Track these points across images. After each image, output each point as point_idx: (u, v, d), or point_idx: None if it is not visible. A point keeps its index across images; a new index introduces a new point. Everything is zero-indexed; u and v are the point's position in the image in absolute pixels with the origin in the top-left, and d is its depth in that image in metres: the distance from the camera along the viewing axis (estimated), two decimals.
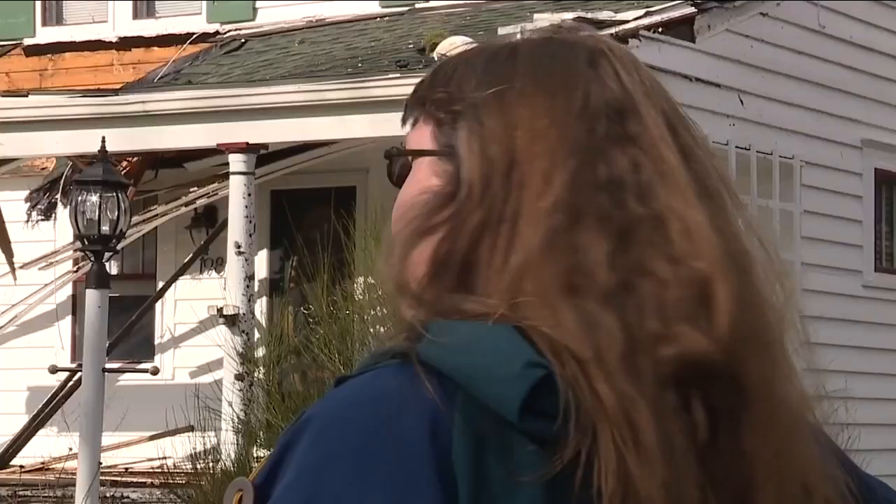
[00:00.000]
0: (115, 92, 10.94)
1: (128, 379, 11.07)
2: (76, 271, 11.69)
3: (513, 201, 1.27)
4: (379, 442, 1.21)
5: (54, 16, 12.73)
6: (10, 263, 11.79)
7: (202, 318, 11.04)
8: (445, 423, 1.21)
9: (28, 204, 11.81)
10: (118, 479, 10.28)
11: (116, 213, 8.99)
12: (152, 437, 10.95)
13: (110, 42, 12.40)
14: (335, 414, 1.23)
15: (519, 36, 1.38)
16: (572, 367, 1.21)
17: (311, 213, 11.14)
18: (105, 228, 9.02)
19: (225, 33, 11.99)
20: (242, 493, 1.25)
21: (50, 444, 11.10)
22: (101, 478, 8.47)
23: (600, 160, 1.29)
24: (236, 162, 10.17)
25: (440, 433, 1.21)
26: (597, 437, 1.21)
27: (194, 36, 11.99)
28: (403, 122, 1.37)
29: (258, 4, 12.05)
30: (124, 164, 11.24)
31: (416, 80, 1.39)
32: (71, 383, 11.10)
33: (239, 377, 9.42)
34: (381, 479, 1.20)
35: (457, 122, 1.31)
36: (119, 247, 9.74)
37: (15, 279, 11.80)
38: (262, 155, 10.41)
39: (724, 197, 1.32)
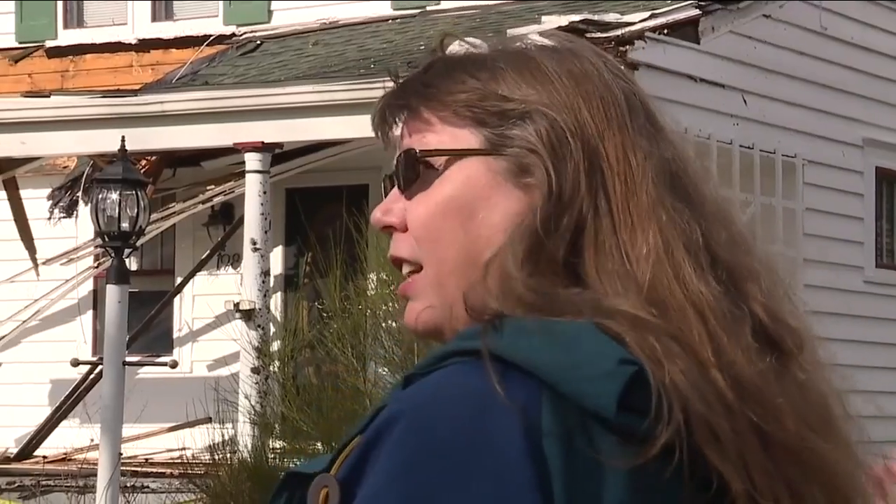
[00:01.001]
0: (135, 92, 10.95)
1: (147, 372, 11.08)
2: (97, 267, 11.70)
3: (610, 199, 1.26)
4: (472, 440, 1.18)
5: (75, 19, 12.74)
6: (33, 259, 11.81)
7: (219, 313, 11.05)
8: (534, 420, 1.19)
9: (50, 202, 11.83)
10: (138, 469, 10.29)
11: (136, 211, 8.99)
12: (171, 429, 10.96)
13: (129, 44, 12.41)
14: (424, 412, 1.20)
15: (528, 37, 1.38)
16: (667, 366, 1.21)
17: (324, 211, 11.15)
18: (125, 225, 9.03)
19: (241, 35, 12.00)
20: (328, 490, 1.21)
21: (72, 436, 11.11)
22: (121, 468, 8.49)
23: (657, 154, 1.29)
24: (252, 161, 10.17)
25: (530, 430, 1.18)
26: (691, 433, 1.20)
27: (211, 38, 11.99)
28: (390, 119, 1.33)
29: (273, 7, 12.05)
30: (143, 162, 11.25)
31: None
32: (92, 376, 11.12)
33: (255, 370, 9.42)
34: (478, 479, 1.17)
35: (516, 122, 1.28)
36: (138, 243, 9.75)
37: (38, 275, 11.82)
38: (277, 154, 10.41)
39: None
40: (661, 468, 1.20)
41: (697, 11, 9.86)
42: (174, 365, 10.12)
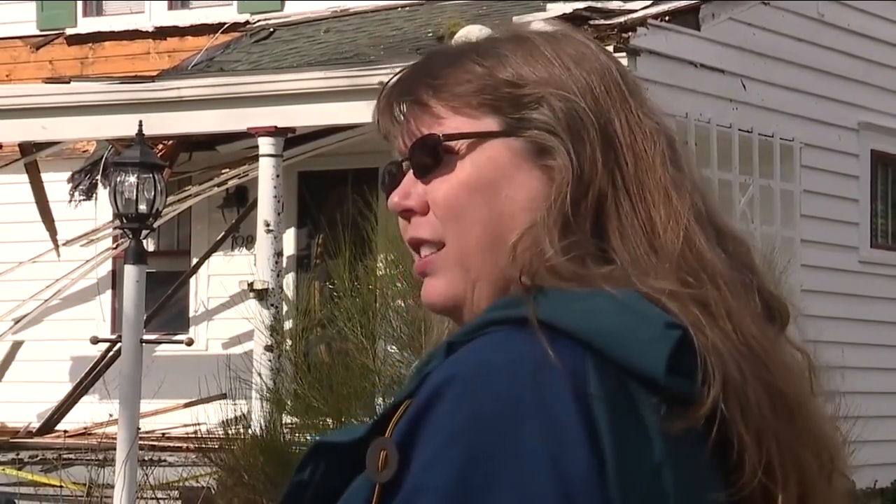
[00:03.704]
0: (152, 79, 10.93)
1: (164, 350, 11.09)
2: (115, 248, 11.70)
3: (625, 176, 1.27)
4: (523, 402, 1.18)
5: (94, 7, 12.72)
6: (54, 241, 11.82)
7: (233, 293, 11.05)
8: (582, 383, 1.19)
9: (70, 184, 11.83)
10: (156, 443, 10.31)
11: (153, 193, 8.98)
12: (187, 405, 10.97)
13: (147, 32, 12.39)
14: (476, 376, 1.19)
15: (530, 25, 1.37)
16: (710, 332, 1.21)
17: (335, 193, 11.13)
18: (142, 207, 9.01)
19: (255, 23, 11.97)
20: (387, 452, 1.20)
21: (92, 411, 11.13)
22: (139, 442, 8.48)
23: (658, 129, 1.30)
24: (265, 145, 10.16)
25: (580, 394, 1.18)
26: (725, 399, 1.21)
27: (226, 25, 11.97)
28: (398, 112, 1.32)
29: None
30: (160, 146, 11.23)
31: None
32: (111, 353, 11.13)
33: (268, 348, 9.42)
34: (532, 440, 1.17)
35: (530, 105, 1.27)
36: (155, 225, 9.74)
37: (58, 255, 11.83)
38: (289, 138, 10.40)
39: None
40: (695, 432, 1.21)
41: None
42: (190, 343, 10.12)
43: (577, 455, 1.17)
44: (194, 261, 11.73)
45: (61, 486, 8.88)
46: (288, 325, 9.64)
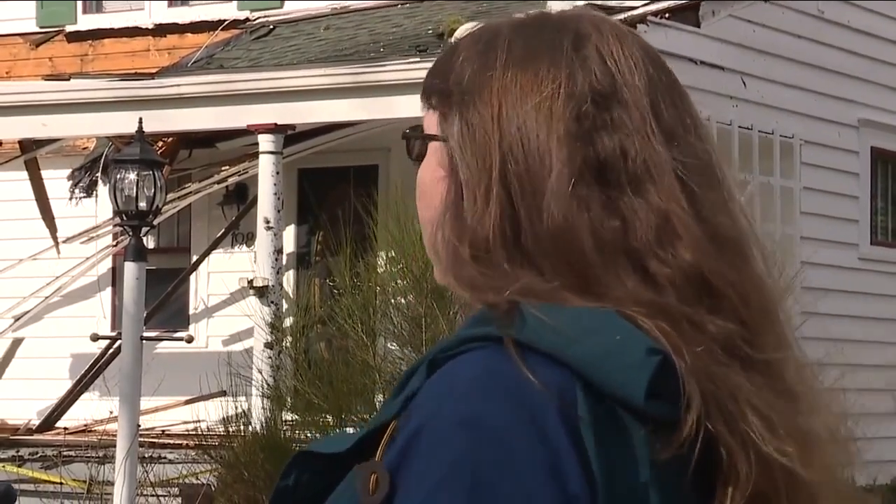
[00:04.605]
0: (151, 76, 10.93)
1: (164, 347, 11.09)
2: (115, 245, 11.70)
3: (518, 188, 1.25)
4: (516, 428, 1.17)
5: (94, 4, 12.73)
6: (54, 238, 11.82)
7: (233, 290, 11.05)
8: (570, 405, 1.18)
9: (70, 182, 11.82)
10: (156, 440, 10.31)
11: (153, 191, 8.98)
12: (187, 402, 10.98)
13: (146, 29, 12.39)
14: (466, 401, 1.18)
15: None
16: (689, 358, 1.20)
17: (335, 191, 11.13)
18: (142, 205, 9.02)
19: (255, 20, 11.97)
20: (377, 476, 1.18)
21: (92, 408, 11.13)
22: (139, 439, 8.49)
23: (590, 146, 1.25)
24: (265, 142, 10.16)
25: (568, 415, 1.18)
26: (725, 418, 1.21)
27: (226, 23, 11.96)
28: (423, 104, 1.36)
29: None
30: (160, 143, 11.23)
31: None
32: (111, 351, 11.13)
33: (268, 345, 9.42)
34: (528, 466, 1.16)
35: (451, 111, 1.29)
36: (155, 222, 9.74)
37: (59, 253, 11.83)
38: (289, 135, 10.39)
39: (713, 182, 1.30)
40: (681, 454, 1.21)
41: None
42: (190, 340, 10.12)
43: (574, 479, 1.17)
44: (194, 258, 11.73)
45: (61, 483, 8.89)
46: (288, 322, 9.64)
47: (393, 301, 7.65)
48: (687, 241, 1.25)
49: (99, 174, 11.61)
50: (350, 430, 7.34)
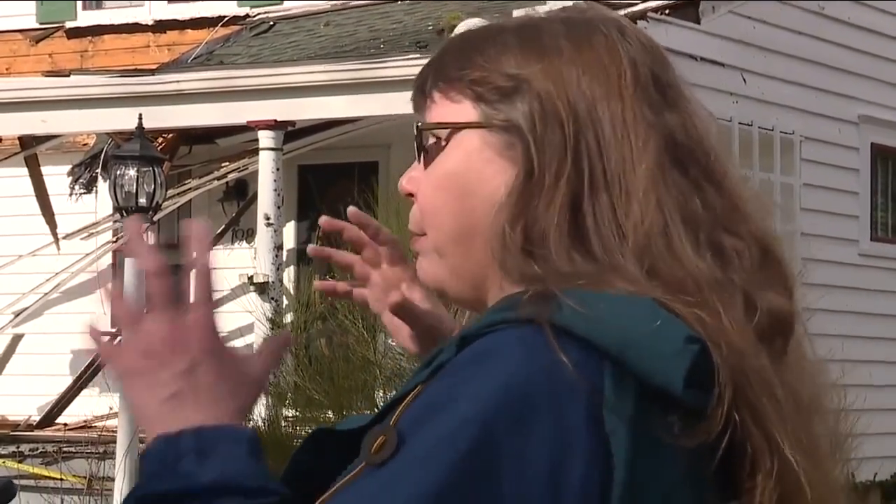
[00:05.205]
0: (151, 72, 10.93)
1: None
2: (116, 241, 11.71)
3: (602, 171, 1.24)
4: (538, 406, 1.16)
5: (94, 1, 12.72)
6: (54, 234, 11.82)
7: (234, 286, 11.05)
8: (598, 392, 1.17)
9: (70, 178, 11.83)
10: None
11: (153, 187, 9.00)
12: None
13: (146, 25, 12.39)
14: (490, 371, 1.17)
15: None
16: (726, 347, 1.20)
17: (335, 187, 11.14)
18: (142, 201, 9.04)
19: (254, 16, 11.97)
20: (386, 438, 1.17)
21: (92, 404, 11.14)
22: (140, 435, 8.49)
23: (665, 129, 1.27)
24: (265, 138, 10.16)
25: (594, 402, 1.17)
26: (752, 410, 1.21)
27: (226, 19, 11.97)
28: (418, 97, 1.35)
29: None
30: (160, 140, 11.24)
31: None
32: None
33: None
34: (540, 445, 1.16)
35: (511, 97, 1.27)
36: (155, 218, 9.75)
37: (59, 249, 11.84)
38: (289, 131, 10.40)
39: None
40: (706, 444, 1.21)
41: None
42: None
43: (580, 465, 1.16)
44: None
45: (62, 479, 8.89)
46: (289, 318, 9.65)
47: None
48: (748, 213, 1.28)
49: (99, 170, 11.62)
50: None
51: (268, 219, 10.04)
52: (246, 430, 1.23)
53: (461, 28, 9.47)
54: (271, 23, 11.83)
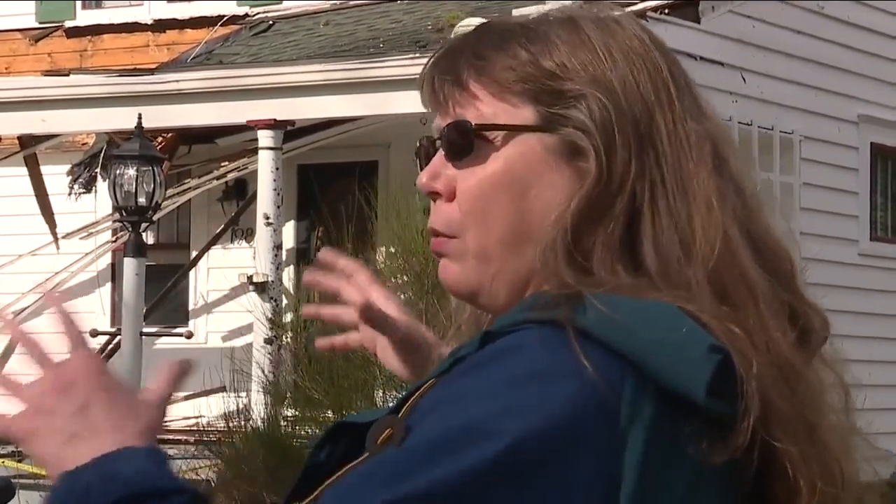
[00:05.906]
0: (151, 71, 10.93)
1: (164, 342, 11.10)
2: (115, 241, 11.71)
3: (665, 181, 1.23)
4: (555, 400, 1.14)
5: (93, 1, 12.73)
6: (54, 233, 11.83)
7: (233, 286, 11.06)
8: (616, 396, 1.15)
9: (70, 177, 11.83)
10: None
11: (152, 186, 9.00)
12: (187, 397, 10.98)
13: (146, 24, 12.39)
14: (509, 367, 1.16)
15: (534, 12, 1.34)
16: (759, 362, 1.19)
17: (335, 186, 11.14)
18: (142, 200, 9.04)
19: (254, 16, 11.97)
20: (393, 430, 1.16)
21: None
22: None
23: (704, 132, 1.25)
24: (265, 137, 10.16)
25: (608, 406, 1.15)
26: (784, 430, 1.20)
27: (225, 18, 11.97)
28: (450, 88, 1.27)
29: None
30: (159, 139, 11.24)
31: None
32: (111, 346, 11.14)
33: (268, 341, 9.44)
34: (548, 436, 1.14)
35: (568, 100, 1.23)
36: (155, 218, 9.76)
37: (58, 248, 11.84)
38: (289, 131, 10.40)
39: None
40: (733, 461, 1.19)
41: None
42: (189, 336, 10.15)
43: (591, 462, 1.15)
44: (194, 254, 11.74)
45: None
46: (288, 317, 9.65)
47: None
48: (768, 220, 1.33)
49: (98, 170, 11.62)
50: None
51: (267, 218, 10.04)
52: (144, 446, 1.24)
53: (461, 28, 9.47)
54: (270, 22, 11.83)
